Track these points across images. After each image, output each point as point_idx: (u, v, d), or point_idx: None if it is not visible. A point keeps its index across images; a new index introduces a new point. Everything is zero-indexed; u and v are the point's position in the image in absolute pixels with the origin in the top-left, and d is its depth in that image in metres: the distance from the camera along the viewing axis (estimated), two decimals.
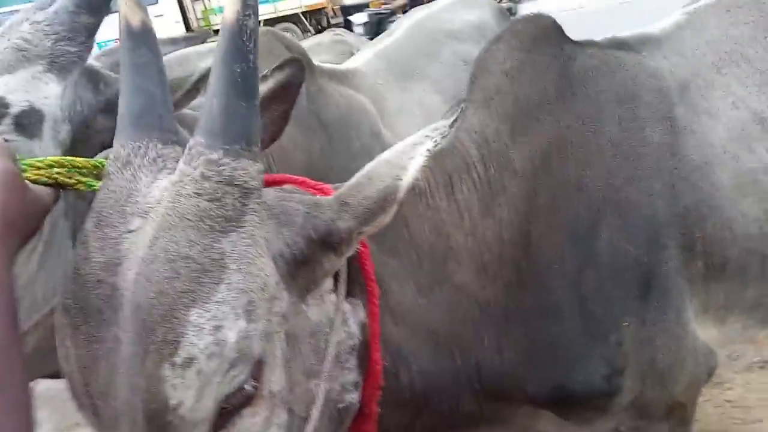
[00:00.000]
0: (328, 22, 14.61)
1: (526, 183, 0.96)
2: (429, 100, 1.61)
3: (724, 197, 1.04)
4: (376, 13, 9.20)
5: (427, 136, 0.70)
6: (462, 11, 2.08)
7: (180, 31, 13.13)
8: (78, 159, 0.79)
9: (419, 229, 0.91)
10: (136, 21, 0.69)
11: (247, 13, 0.63)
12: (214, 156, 0.61)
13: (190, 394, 0.57)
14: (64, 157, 0.78)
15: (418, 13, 2.13)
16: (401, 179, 0.67)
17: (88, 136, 0.95)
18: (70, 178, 0.76)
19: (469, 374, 0.91)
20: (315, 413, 0.67)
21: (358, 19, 9.04)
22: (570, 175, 0.98)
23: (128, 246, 0.60)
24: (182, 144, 0.66)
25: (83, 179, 0.77)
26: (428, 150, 0.68)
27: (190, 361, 0.57)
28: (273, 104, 0.87)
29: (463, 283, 0.91)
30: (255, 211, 0.62)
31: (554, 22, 1.10)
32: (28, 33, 0.92)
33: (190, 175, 0.61)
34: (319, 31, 14.88)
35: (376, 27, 7.66)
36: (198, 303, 0.57)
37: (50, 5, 0.94)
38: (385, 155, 0.71)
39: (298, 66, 0.85)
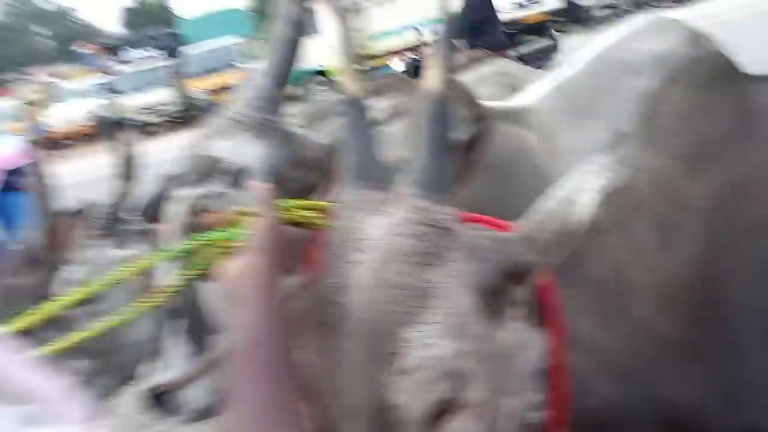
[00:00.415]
0: None
1: (706, 221, 0.98)
2: (601, 138, 1.62)
3: None
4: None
5: (595, 171, 0.78)
6: (649, 39, 1.95)
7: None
8: (313, 201, 0.96)
9: (595, 266, 0.97)
10: (355, 91, 0.87)
11: (448, 85, 0.78)
12: (424, 204, 0.76)
13: (405, 398, 0.70)
14: (303, 200, 0.97)
15: (604, 40, 2.08)
16: (575, 215, 0.77)
17: (282, 184, 1.14)
18: (306, 217, 0.95)
19: (653, 407, 0.95)
20: (503, 426, 0.77)
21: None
22: (755, 213, 0.98)
23: (355, 274, 0.75)
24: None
25: (315, 218, 0.95)
26: (602, 185, 0.77)
27: (404, 371, 0.70)
28: (464, 155, 1.00)
29: (642, 318, 0.95)
30: (455, 249, 0.75)
31: (727, 59, 1.11)
32: (241, 106, 1.21)
33: (404, 218, 0.76)
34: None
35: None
36: (411, 323, 0.71)
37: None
38: (563, 192, 0.80)
39: (487, 122, 0.97)
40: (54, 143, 18.18)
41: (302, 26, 1.23)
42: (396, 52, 13.90)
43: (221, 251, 0.92)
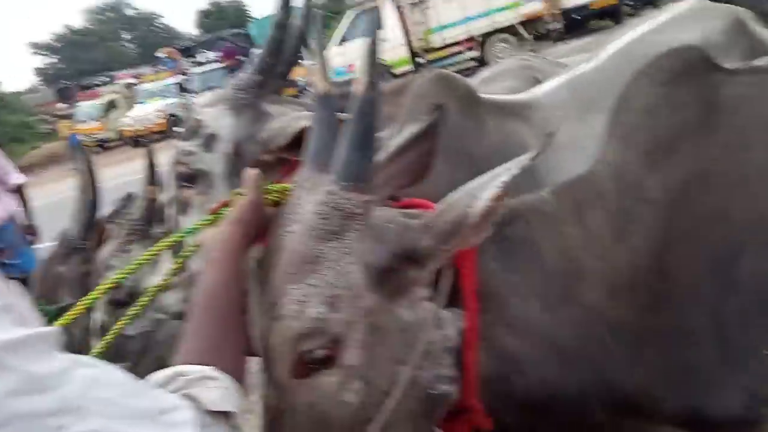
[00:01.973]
0: (546, 29, 14.37)
1: (662, 212, 1.01)
2: (600, 133, 1.61)
3: None
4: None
5: (508, 168, 0.85)
6: (684, 29, 1.82)
7: (405, 53, 14.17)
8: (283, 185, 1.09)
9: (548, 252, 1.02)
10: (323, 88, 0.98)
11: (367, 87, 0.87)
12: (332, 188, 0.88)
13: (279, 341, 0.86)
14: (277, 184, 1.10)
15: (633, 30, 1.94)
16: (472, 207, 0.84)
17: (242, 153, 1.42)
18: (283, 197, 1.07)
19: (598, 389, 0.99)
20: (396, 391, 0.88)
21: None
22: (711, 205, 1.00)
23: (278, 241, 0.92)
24: None
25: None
26: (503, 182, 0.83)
27: (282, 318, 0.85)
28: (415, 147, 1.08)
29: (593, 303, 0.99)
30: (356, 230, 0.87)
31: (702, 52, 1.12)
32: (229, 86, 1.48)
33: (318, 200, 0.89)
34: (537, 38, 14.73)
35: None
36: (296, 282, 0.85)
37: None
38: (469, 185, 0.89)
39: (438, 112, 1.05)
40: (132, 141, 19.30)
41: (288, 28, 1.43)
42: (458, 43, 13.85)
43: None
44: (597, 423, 1.03)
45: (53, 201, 7.24)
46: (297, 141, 1.29)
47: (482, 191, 0.85)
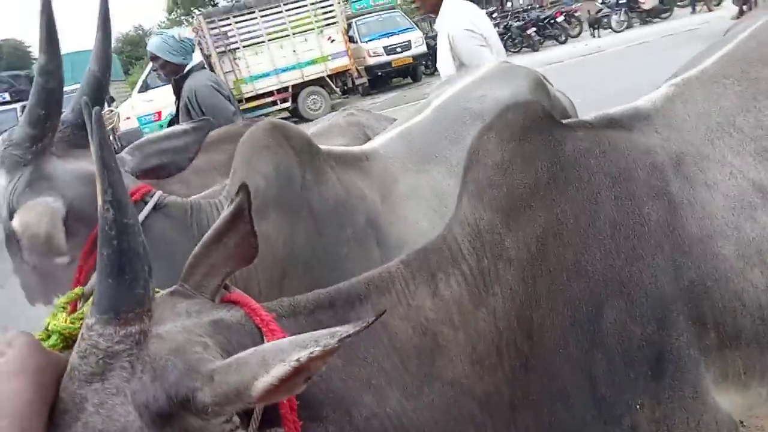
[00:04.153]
0: (353, 82, 15.06)
1: (522, 271, 0.98)
2: (444, 184, 1.60)
3: (730, 268, 1.04)
4: None
5: (315, 341, 0.73)
6: (495, 87, 1.98)
7: None
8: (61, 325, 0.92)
9: (401, 332, 0.93)
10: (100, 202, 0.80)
11: (105, 207, 0.76)
12: (90, 322, 0.77)
13: None
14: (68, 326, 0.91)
15: (451, 87, 2.06)
16: (257, 380, 0.72)
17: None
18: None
19: None
20: None
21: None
22: (568, 260, 1.00)
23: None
24: None
25: None
26: (298, 360, 0.71)
27: None
28: (232, 231, 0.96)
29: (456, 378, 0.92)
30: (123, 368, 0.76)
31: (543, 108, 1.14)
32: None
33: (80, 338, 0.78)
34: (344, 92, 15.37)
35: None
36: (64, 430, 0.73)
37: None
38: (267, 346, 0.77)
39: (245, 191, 0.95)
40: None
41: (55, 75, 1.26)
42: (270, 93, 13.87)
43: None
44: None
45: None
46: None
47: (276, 364, 0.72)
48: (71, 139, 1.34)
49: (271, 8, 13.57)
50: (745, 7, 11.73)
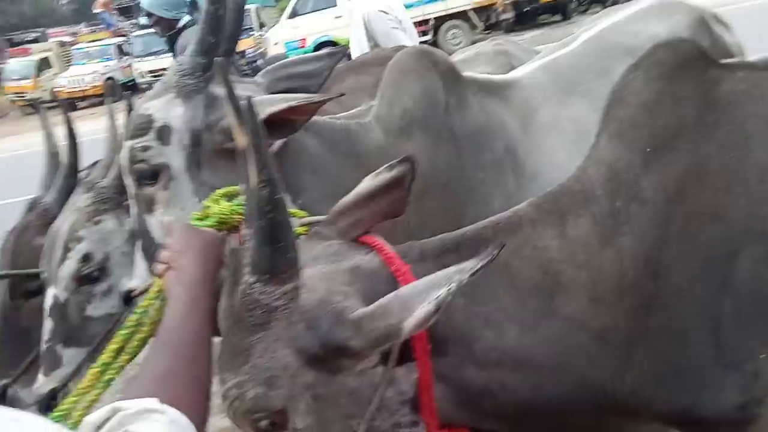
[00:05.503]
0: (497, 17, 14.48)
1: (656, 212, 0.98)
2: (586, 118, 1.55)
3: None
4: None
5: (448, 278, 0.82)
6: (652, 22, 1.88)
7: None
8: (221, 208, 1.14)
9: (522, 271, 0.98)
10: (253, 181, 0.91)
11: (261, 186, 0.86)
12: (251, 280, 0.90)
13: (232, 414, 0.92)
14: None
15: (604, 20, 1.98)
16: (404, 322, 0.82)
17: (201, 142, 1.32)
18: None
19: (581, 397, 0.97)
20: None
21: None
22: (708, 204, 0.98)
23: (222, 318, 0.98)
24: None
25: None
26: (437, 298, 0.80)
27: (227, 398, 0.91)
28: (385, 194, 1.05)
29: (574, 314, 0.96)
30: (283, 318, 0.89)
31: (698, 47, 1.09)
32: (170, 72, 1.37)
33: (242, 290, 0.91)
34: (488, 28, 14.83)
35: None
36: (232, 371, 0.90)
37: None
38: (405, 291, 0.87)
39: (409, 164, 1.03)
40: (67, 102, 18.17)
41: (224, 2, 1.30)
42: None
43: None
44: (580, 424, 1.02)
45: None
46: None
47: (418, 302, 0.82)
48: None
49: None
50: None
